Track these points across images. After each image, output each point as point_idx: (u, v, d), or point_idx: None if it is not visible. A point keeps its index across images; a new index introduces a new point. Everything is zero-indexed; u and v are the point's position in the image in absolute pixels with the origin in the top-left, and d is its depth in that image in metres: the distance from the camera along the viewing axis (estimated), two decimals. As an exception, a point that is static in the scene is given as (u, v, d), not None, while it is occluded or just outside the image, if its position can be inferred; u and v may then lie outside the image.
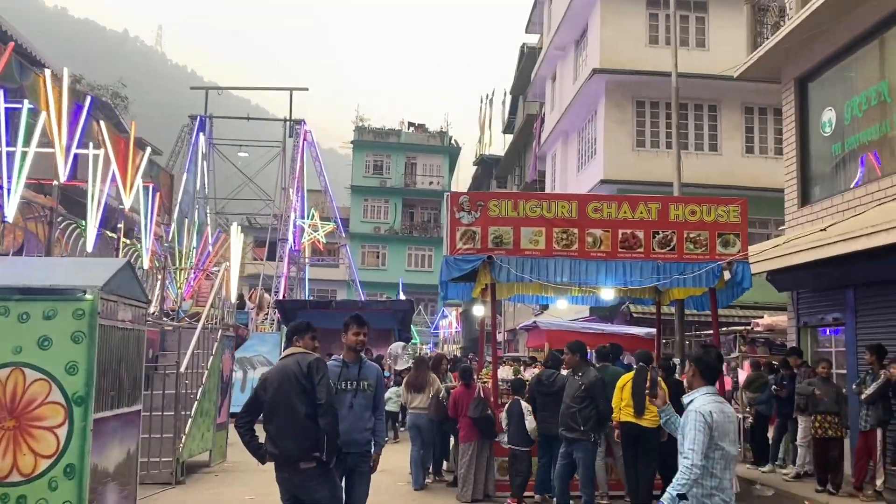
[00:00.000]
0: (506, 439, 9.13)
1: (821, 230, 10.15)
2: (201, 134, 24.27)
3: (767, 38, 12.64)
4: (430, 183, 50.92)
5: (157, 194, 11.19)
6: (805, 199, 12.27)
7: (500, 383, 9.78)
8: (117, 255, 10.71)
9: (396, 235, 50.36)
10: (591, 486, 7.98)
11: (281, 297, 22.03)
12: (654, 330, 16.01)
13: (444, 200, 9.67)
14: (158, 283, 11.36)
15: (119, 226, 9.70)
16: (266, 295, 23.41)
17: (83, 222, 10.62)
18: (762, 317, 16.32)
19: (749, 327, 15.70)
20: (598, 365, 9.33)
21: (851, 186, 11.04)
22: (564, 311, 21.21)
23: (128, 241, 10.34)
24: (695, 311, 12.86)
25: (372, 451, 5.43)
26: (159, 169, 11.14)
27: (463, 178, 55.18)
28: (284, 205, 23.15)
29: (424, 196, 50.46)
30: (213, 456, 11.61)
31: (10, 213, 9.39)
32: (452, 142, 52.56)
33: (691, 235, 9.61)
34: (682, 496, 3.87)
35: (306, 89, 25.38)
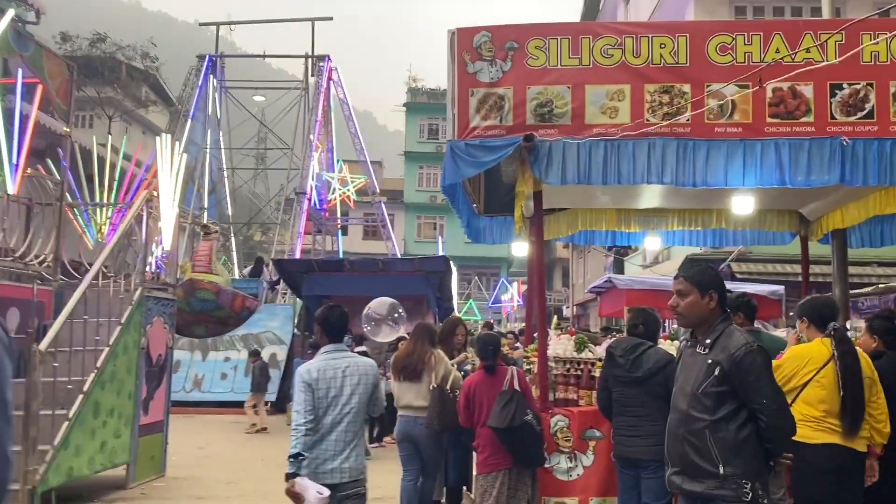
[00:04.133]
0: (564, 463, 5.09)
1: None
2: (211, 76, 20.70)
3: None
4: (491, 146, 46.47)
5: (40, 88, 7.37)
6: None
7: (550, 364, 5.58)
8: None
9: (455, 204, 46.27)
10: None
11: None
12: (779, 288, 11.53)
13: (449, 42, 5.52)
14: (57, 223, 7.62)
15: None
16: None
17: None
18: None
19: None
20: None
21: None
22: (643, 270, 16.85)
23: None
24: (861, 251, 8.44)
25: None
26: (39, 49, 7.29)
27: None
28: (304, 153, 19.40)
29: (484, 160, 46.02)
30: (132, 472, 7.88)
31: None
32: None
33: (904, 90, 5.20)
34: (297, 455, 3.79)
35: (330, 18, 21.47)
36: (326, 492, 3.73)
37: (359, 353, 5.97)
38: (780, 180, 5.15)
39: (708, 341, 3.21)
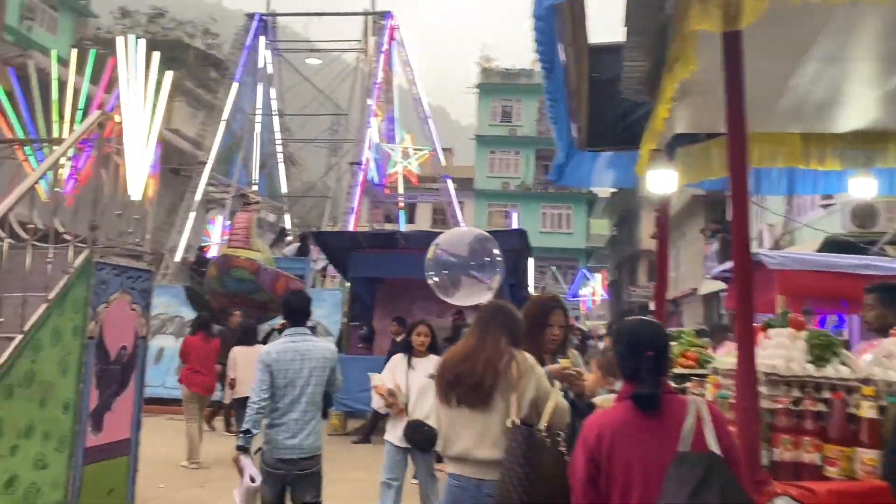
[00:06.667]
0: None
1: None
2: (261, 37, 18.46)
3: None
4: (570, 130, 43.33)
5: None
6: None
7: (760, 390, 2.74)
8: None
9: (529, 192, 43.56)
10: None
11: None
12: None
13: None
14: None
15: None
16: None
17: None
18: None
19: None
20: None
21: None
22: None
23: None
24: None
25: None
26: None
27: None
28: (361, 120, 16.92)
29: (561, 146, 42.98)
30: (71, 516, 5.43)
31: None
32: (595, 79, 44.68)
33: None
34: (246, 431, 4.18)
35: (390, -30, 18.97)
36: (259, 479, 4.17)
37: None
38: None
39: None
